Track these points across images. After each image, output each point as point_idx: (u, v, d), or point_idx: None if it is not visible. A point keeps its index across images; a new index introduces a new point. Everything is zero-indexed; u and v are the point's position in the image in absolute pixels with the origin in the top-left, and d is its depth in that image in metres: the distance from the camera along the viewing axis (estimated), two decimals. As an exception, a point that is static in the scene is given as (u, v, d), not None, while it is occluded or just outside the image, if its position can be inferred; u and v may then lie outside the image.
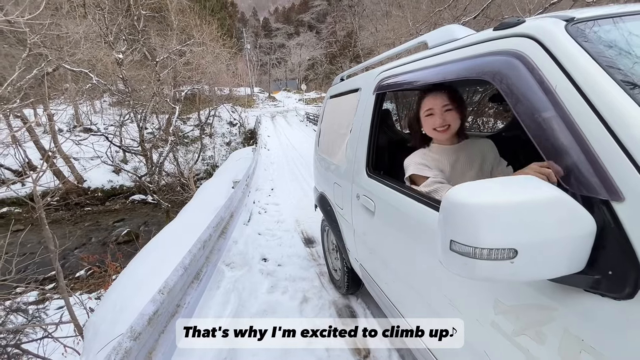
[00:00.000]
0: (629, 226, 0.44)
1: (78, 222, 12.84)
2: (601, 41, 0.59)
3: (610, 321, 0.47)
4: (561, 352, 0.53)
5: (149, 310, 1.17)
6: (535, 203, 0.46)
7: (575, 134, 0.52)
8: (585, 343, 0.49)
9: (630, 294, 0.44)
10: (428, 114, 1.11)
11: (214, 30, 14.40)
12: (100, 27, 8.16)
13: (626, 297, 0.45)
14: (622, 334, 0.45)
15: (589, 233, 0.46)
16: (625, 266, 0.45)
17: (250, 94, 33.96)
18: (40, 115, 14.48)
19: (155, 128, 14.63)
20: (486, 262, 0.47)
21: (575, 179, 0.51)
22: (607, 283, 0.47)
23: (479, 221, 0.46)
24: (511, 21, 0.72)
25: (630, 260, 0.44)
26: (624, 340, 0.45)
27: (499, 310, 0.66)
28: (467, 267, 0.48)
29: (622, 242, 0.45)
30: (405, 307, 1.14)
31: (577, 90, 0.54)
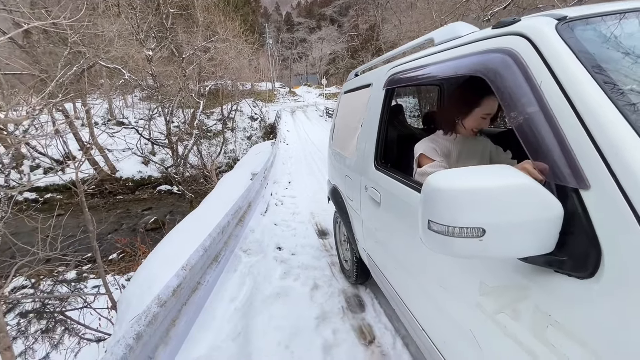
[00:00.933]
0: (593, 212, 0.49)
1: (111, 209, 13.82)
2: (588, 40, 0.62)
3: (573, 298, 0.51)
4: (532, 327, 0.58)
5: (174, 283, 1.32)
6: (505, 188, 0.51)
7: (553, 128, 0.56)
8: (551, 318, 0.54)
9: (591, 273, 0.49)
10: (485, 117, 1.11)
11: (237, 26, 14.70)
12: (132, 25, 8.62)
13: (588, 277, 0.49)
14: (583, 309, 0.50)
15: (556, 217, 0.51)
16: (588, 248, 0.49)
17: (271, 89, 34.41)
18: (79, 110, 15.63)
19: (180, 122, 15.32)
20: (459, 240, 0.53)
21: (551, 169, 0.55)
22: (572, 263, 0.51)
23: (452, 203, 0.52)
24: (507, 20, 0.76)
25: (592, 243, 0.49)
26: (585, 314, 0.49)
27: (483, 292, 0.71)
28: (444, 244, 0.54)
29: (587, 227, 0.49)
30: (406, 294, 1.20)
31: (559, 87, 0.58)
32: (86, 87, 10.77)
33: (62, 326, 2.16)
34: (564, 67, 0.58)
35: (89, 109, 13.68)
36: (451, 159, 1.17)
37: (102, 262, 2.53)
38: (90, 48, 10.06)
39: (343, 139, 2.10)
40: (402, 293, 1.22)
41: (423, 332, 1.03)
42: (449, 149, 1.18)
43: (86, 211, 2.44)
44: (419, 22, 13.76)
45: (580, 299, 0.50)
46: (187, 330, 1.48)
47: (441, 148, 1.16)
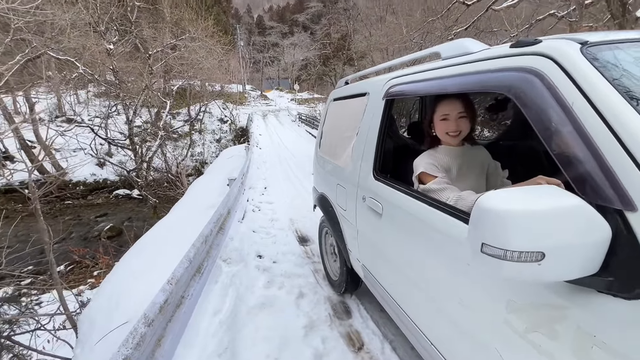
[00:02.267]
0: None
1: (57, 215, 12.31)
2: (612, 64, 0.65)
3: (620, 318, 0.52)
4: (573, 347, 0.58)
5: (160, 299, 1.17)
6: (560, 210, 0.50)
7: (591, 149, 0.57)
8: (597, 339, 0.54)
9: (639, 294, 0.49)
10: (443, 119, 1.17)
11: (209, 25, 14.19)
12: (91, 15, 7.89)
13: (636, 297, 0.50)
14: (631, 329, 0.50)
15: (605, 239, 0.51)
16: (636, 269, 0.50)
17: (242, 92, 33.61)
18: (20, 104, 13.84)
19: (143, 122, 14.26)
20: (514, 264, 0.51)
21: (591, 189, 0.56)
22: (618, 284, 0.52)
23: (509, 226, 0.50)
24: (528, 40, 0.78)
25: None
26: (634, 334, 0.50)
27: (512, 309, 0.71)
28: (499, 268, 0.52)
29: (634, 248, 0.50)
30: (411, 307, 1.18)
31: (592, 108, 0.59)
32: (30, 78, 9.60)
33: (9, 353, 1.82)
34: (595, 89, 0.60)
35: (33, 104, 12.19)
36: (452, 173, 1.18)
37: (59, 277, 2.20)
38: (37, 36, 9.01)
39: (334, 147, 2.06)
40: (409, 309, 1.19)
41: (435, 350, 1.01)
42: (449, 164, 1.19)
43: (41, 219, 2.11)
44: (388, 35, 14.43)
45: (629, 319, 0.50)
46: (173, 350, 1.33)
47: (440, 163, 1.17)
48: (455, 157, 1.20)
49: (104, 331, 1.75)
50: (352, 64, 24.79)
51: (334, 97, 2.24)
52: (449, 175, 1.16)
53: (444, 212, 0.92)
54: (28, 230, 9.26)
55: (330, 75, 30.92)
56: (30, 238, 6.34)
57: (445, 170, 1.16)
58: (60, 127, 14.10)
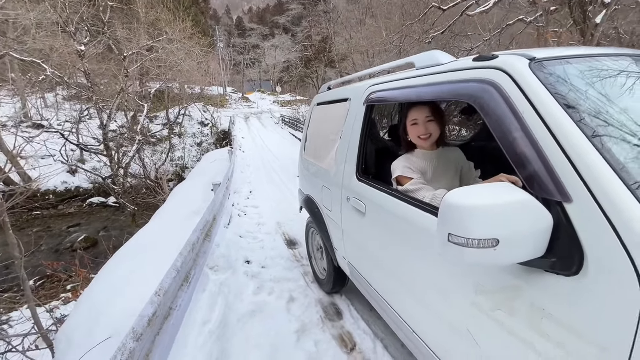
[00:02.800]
0: (575, 221, 0.60)
1: (24, 227, 11.55)
2: (553, 76, 0.76)
3: (563, 293, 0.62)
4: (528, 321, 0.67)
5: (148, 312, 1.17)
6: (513, 204, 0.60)
7: (537, 150, 0.67)
8: (545, 311, 0.64)
9: (576, 271, 0.59)
10: (413, 123, 1.28)
11: (187, 27, 13.88)
12: (60, 14, 7.52)
13: (574, 274, 0.60)
14: (571, 301, 0.60)
15: (548, 226, 0.61)
16: (573, 251, 0.60)
17: (222, 94, 33.02)
18: (-20, 108, 12.88)
19: (119, 126, 13.69)
20: (475, 250, 0.60)
21: (537, 185, 0.66)
22: (560, 264, 0.62)
23: (470, 218, 0.59)
24: (487, 55, 0.88)
25: (576, 246, 0.59)
26: (574, 305, 0.60)
27: (479, 292, 0.80)
28: (461, 254, 0.61)
29: (571, 233, 0.60)
30: (395, 300, 1.27)
31: (537, 115, 0.70)
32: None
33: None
34: (539, 99, 0.71)
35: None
36: (427, 175, 1.27)
37: (31, 294, 2.10)
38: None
39: (318, 150, 2.13)
40: (391, 299, 1.28)
41: (415, 336, 1.10)
42: (424, 166, 1.28)
43: (10, 233, 2.01)
44: (368, 38, 14.75)
45: (569, 293, 0.61)
46: (161, 364, 1.32)
47: (416, 166, 1.26)
48: (430, 160, 1.30)
49: (83, 349, 1.69)
50: (333, 66, 25.04)
51: (317, 101, 2.31)
52: (425, 177, 1.25)
53: (421, 209, 1.02)
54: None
55: (312, 77, 31.07)
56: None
57: (421, 172, 1.25)
58: (26, 133, 13.25)
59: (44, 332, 1.96)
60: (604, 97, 0.75)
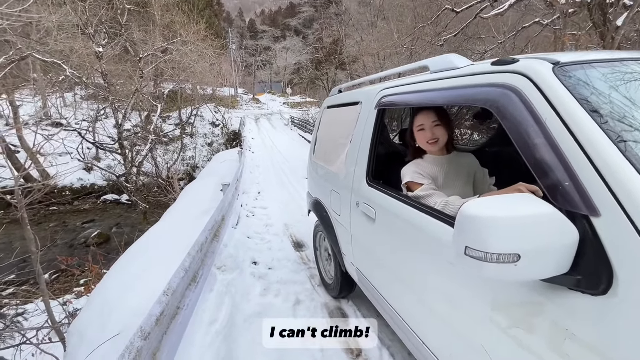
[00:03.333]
0: (604, 237, 0.56)
1: (42, 222, 11.95)
2: (580, 82, 0.72)
3: (588, 313, 0.58)
4: (548, 340, 0.64)
5: (156, 311, 1.18)
6: (534, 217, 0.57)
7: (561, 160, 0.64)
8: (569, 332, 0.60)
9: (604, 290, 0.55)
10: (420, 129, 1.25)
11: (201, 29, 14.15)
12: (80, 17, 7.78)
13: (601, 293, 0.56)
14: (598, 322, 0.56)
15: (573, 242, 0.58)
16: (600, 268, 0.56)
17: (233, 95, 33.48)
18: (3, 107, 13.44)
19: (133, 125, 14.04)
20: (494, 265, 0.56)
21: (561, 197, 0.62)
22: (586, 282, 0.58)
23: (489, 231, 0.56)
24: (507, 59, 0.85)
25: (604, 264, 0.55)
26: (600, 327, 0.56)
27: (495, 307, 0.76)
28: (479, 269, 0.57)
29: (599, 250, 0.56)
30: (404, 309, 1.23)
31: (562, 122, 0.66)
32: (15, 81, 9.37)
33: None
34: (564, 106, 0.67)
35: (17, 107, 11.87)
36: (438, 181, 1.24)
37: (46, 288, 2.15)
38: (22, 38, 8.83)
39: (328, 153, 2.12)
40: (401, 309, 1.25)
41: (425, 347, 1.06)
42: (435, 172, 1.25)
43: (28, 229, 2.07)
44: (379, 41, 14.68)
45: (596, 313, 0.57)
46: (169, 363, 1.33)
47: (426, 171, 1.23)
48: (440, 165, 1.26)
49: (94, 344, 1.72)
50: (344, 68, 25.05)
51: (328, 104, 2.30)
52: (436, 183, 1.22)
53: (434, 218, 0.98)
54: (9, 237, 8.95)
55: (323, 79, 31.15)
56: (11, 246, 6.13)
57: (432, 178, 1.22)
58: (46, 131, 13.74)
59: (57, 326, 2.01)
60: (632, 104, 0.70)
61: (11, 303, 3.13)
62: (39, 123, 15.43)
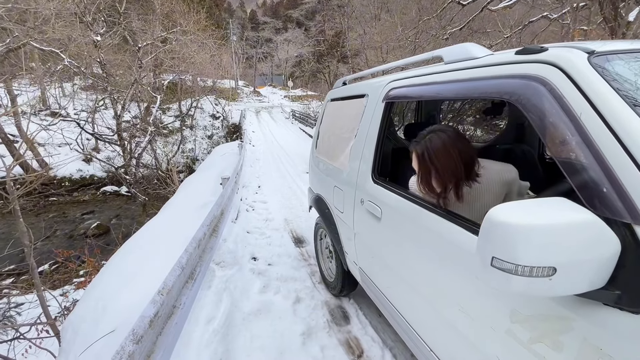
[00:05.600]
0: (650, 248, 0.49)
1: (41, 213, 11.93)
2: (620, 74, 0.65)
3: (627, 332, 0.52)
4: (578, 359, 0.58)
5: (150, 313, 1.12)
6: (571, 225, 0.50)
7: (600, 161, 0.57)
8: (603, 352, 0.54)
9: (648, 308, 0.49)
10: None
11: (201, 19, 13.89)
12: (77, 5, 7.60)
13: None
14: (638, 344, 0.50)
15: (614, 253, 0.51)
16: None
17: (234, 87, 33.15)
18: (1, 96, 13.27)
19: (132, 117, 13.90)
20: (525, 279, 0.50)
21: (599, 202, 0.55)
22: (627, 298, 0.52)
23: (520, 240, 0.49)
24: (534, 47, 0.77)
25: (649, 279, 0.49)
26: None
27: (516, 319, 0.70)
28: (507, 282, 0.51)
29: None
30: (410, 313, 1.18)
31: (601, 119, 0.59)
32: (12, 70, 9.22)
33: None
34: (603, 100, 0.60)
35: (14, 96, 11.72)
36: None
37: (41, 279, 2.11)
38: (19, 26, 8.66)
39: (331, 148, 2.04)
40: (408, 314, 1.19)
41: (433, 355, 1.01)
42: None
43: (20, 221, 2.01)
44: (383, 34, 14.42)
45: (635, 333, 0.50)
46: (164, 365, 1.28)
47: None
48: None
49: (88, 339, 1.68)
50: (346, 62, 24.70)
51: (332, 97, 2.22)
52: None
53: (447, 219, 0.92)
54: (9, 228, 8.91)
55: (324, 73, 30.76)
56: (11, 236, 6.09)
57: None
58: (44, 121, 13.60)
59: (51, 322, 1.96)
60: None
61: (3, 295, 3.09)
62: (38, 113, 15.30)
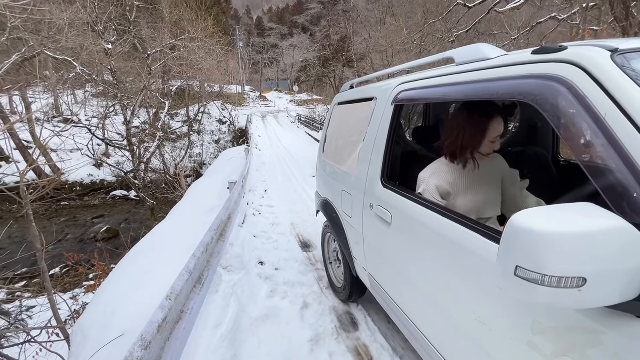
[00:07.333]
0: (687, 257, 0.46)
1: (53, 216, 12.19)
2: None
3: (664, 348, 0.48)
4: (609, 376, 0.54)
5: (158, 318, 1.12)
6: (601, 231, 0.47)
7: (629, 164, 0.54)
8: (637, 368, 0.50)
9: (686, 322, 0.46)
10: (494, 140, 1.10)
11: (208, 26, 14.14)
12: (89, 14, 7.82)
13: (682, 325, 0.46)
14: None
15: (648, 261, 0.48)
16: (682, 295, 0.46)
17: (240, 92, 33.54)
18: (16, 103, 13.69)
19: (141, 122, 14.16)
20: (552, 289, 0.47)
21: (629, 207, 0.52)
22: (662, 311, 0.48)
23: (546, 248, 0.47)
24: (552, 47, 0.74)
25: (688, 290, 0.46)
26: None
27: (537, 330, 0.67)
28: (533, 293, 0.48)
29: (680, 272, 0.46)
30: (423, 321, 1.14)
31: (628, 119, 0.56)
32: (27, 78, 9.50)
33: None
34: (630, 99, 0.57)
35: (29, 104, 12.07)
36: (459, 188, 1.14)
37: (52, 282, 2.14)
38: (34, 35, 8.93)
39: (339, 152, 2.03)
40: (420, 323, 1.15)
41: (449, 365, 0.97)
42: (456, 180, 1.14)
43: (33, 226, 2.04)
44: (388, 37, 14.43)
45: (675, 349, 0.47)
46: (171, 371, 1.27)
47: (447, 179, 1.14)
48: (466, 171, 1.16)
49: (97, 343, 1.68)
50: (351, 66, 24.78)
51: (339, 100, 2.20)
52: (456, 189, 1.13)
53: (460, 224, 0.89)
54: (22, 232, 9.11)
55: (330, 77, 30.91)
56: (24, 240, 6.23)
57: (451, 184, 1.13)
58: (57, 127, 13.94)
59: (61, 325, 1.98)
60: None
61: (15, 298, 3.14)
62: (51, 119, 15.72)
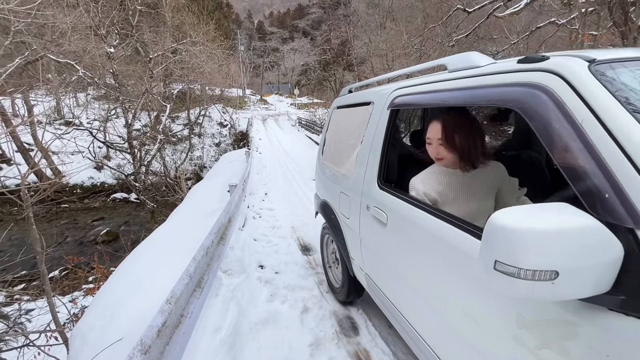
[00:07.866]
0: (653, 253, 0.50)
1: (53, 219, 12.22)
2: (621, 82, 0.66)
3: (633, 338, 0.52)
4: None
5: (158, 322, 1.14)
6: (573, 229, 0.51)
7: (601, 167, 0.58)
8: (609, 359, 0.54)
9: (653, 313, 0.49)
10: (428, 143, 1.15)
11: (210, 30, 14.31)
12: (92, 19, 7.92)
13: (650, 316, 0.50)
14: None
15: (617, 258, 0.52)
16: (650, 288, 0.50)
17: (241, 96, 33.74)
18: (18, 106, 13.79)
19: (142, 125, 14.26)
20: (528, 282, 0.51)
21: (602, 208, 0.56)
22: (632, 303, 0.52)
23: (523, 244, 0.50)
24: (536, 56, 0.79)
25: (654, 284, 0.49)
26: (648, 355, 0.50)
27: (522, 325, 0.70)
28: (510, 286, 0.52)
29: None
30: (417, 320, 1.17)
31: (602, 126, 0.60)
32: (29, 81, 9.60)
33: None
34: (604, 107, 0.61)
35: (31, 107, 12.18)
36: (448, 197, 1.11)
37: (51, 285, 2.16)
38: (37, 39, 9.04)
39: (337, 155, 2.07)
40: (415, 321, 1.19)
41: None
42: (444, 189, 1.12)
43: (33, 228, 2.07)
44: (388, 42, 14.57)
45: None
46: (171, 377, 1.29)
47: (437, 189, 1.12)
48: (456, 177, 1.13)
49: (96, 348, 1.69)
50: (351, 70, 24.98)
51: (338, 104, 2.25)
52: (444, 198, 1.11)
53: (452, 225, 0.93)
54: (23, 234, 9.13)
55: (330, 81, 31.14)
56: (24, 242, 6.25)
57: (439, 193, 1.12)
58: (59, 130, 14.04)
59: (60, 329, 2.00)
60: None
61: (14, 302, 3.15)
62: (53, 122, 15.82)
